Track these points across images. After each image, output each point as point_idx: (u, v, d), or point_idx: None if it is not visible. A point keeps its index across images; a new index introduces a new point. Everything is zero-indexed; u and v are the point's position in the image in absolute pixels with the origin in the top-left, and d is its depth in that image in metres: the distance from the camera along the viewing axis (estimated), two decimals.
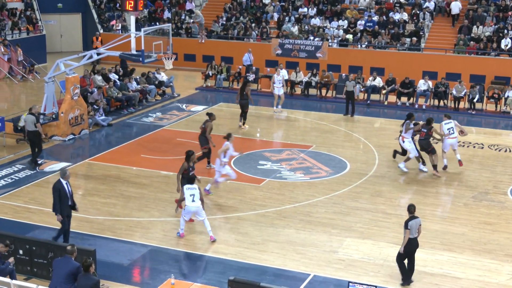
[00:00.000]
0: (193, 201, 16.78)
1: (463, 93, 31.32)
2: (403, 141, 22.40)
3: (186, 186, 16.98)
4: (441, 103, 31.88)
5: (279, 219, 18.50)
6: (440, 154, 22.68)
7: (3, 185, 20.93)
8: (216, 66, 36.09)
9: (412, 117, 22.40)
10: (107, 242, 16.97)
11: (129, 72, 32.96)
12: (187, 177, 17.86)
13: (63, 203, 15.94)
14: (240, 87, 28.33)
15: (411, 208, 14.93)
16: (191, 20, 42.38)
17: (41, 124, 23.11)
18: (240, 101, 27.51)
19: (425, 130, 22.29)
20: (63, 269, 12.65)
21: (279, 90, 30.32)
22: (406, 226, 14.63)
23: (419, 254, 16.27)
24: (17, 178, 21.56)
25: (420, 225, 14.88)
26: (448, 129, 22.56)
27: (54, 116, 26.27)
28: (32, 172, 22.12)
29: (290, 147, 25.29)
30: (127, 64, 34.11)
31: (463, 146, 25.59)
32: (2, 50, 37.23)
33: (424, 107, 31.44)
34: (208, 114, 22.66)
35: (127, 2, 25.70)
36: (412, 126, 22.25)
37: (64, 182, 15.93)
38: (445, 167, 22.71)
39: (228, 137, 19.95)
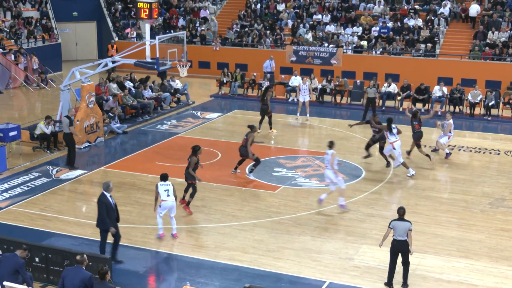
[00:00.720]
0: (168, 195, 17.21)
1: (478, 99, 31.21)
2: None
3: (159, 183, 17.38)
4: (457, 109, 31.75)
5: (294, 226, 18.47)
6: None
7: (19, 192, 21.03)
8: (230, 73, 36.15)
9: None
10: (123, 249, 16.97)
11: (144, 79, 33.06)
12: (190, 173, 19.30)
13: (110, 216, 15.77)
14: (262, 93, 28.37)
15: (400, 211, 15.09)
16: (204, 27, 42.43)
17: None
18: (261, 106, 27.59)
19: (417, 122, 23.86)
20: (76, 279, 12.62)
21: (304, 97, 30.15)
22: (389, 225, 14.97)
23: (435, 261, 16.26)
24: (33, 185, 21.65)
25: (410, 230, 14.87)
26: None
27: None
28: (48, 180, 22.21)
29: (305, 154, 25.27)
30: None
31: (479, 152, 25.48)
32: (12, 58, 37.47)
33: (439, 113, 31.30)
34: (249, 126, 22.49)
35: (142, 10, 25.78)
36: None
37: (108, 195, 15.79)
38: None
39: (331, 145, 19.74)
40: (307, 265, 16.18)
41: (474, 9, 38.71)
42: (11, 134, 24.56)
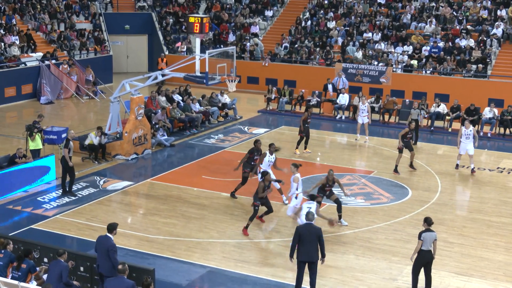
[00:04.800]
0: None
1: None
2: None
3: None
4: (507, 132, 31.28)
5: (338, 244, 18.35)
6: None
7: (67, 202, 21.30)
8: (278, 89, 36.22)
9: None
10: (167, 262, 17.08)
11: (185, 90, 33.34)
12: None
13: None
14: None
15: (428, 220, 15.21)
16: (252, 43, 42.59)
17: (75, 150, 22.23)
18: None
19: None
20: None
21: (363, 119, 29.29)
22: (419, 237, 14.94)
23: (481, 285, 16.02)
24: (80, 195, 21.91)
25: (435, 239, 15.01)
26: None
27: (118, 135, 26.68)
28: (95, 190, 22.46)
29: (351, 172, 25.12)
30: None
31: None
32: (68, 69, 38.10)
33: (489, 135, 30.90)
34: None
35: (193, 24, 26.02)
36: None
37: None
38: None
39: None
40: (350, 284, 16.05)
41: None
42: (64, 135, 25.15)
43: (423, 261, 14.99)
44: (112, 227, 14.45)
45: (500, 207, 21.79)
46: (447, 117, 32.26)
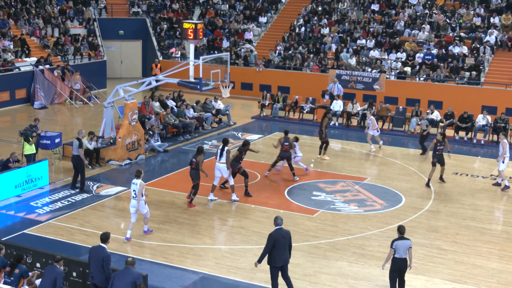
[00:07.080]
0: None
1: None
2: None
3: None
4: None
5: (331, 251, 18.33)
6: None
7: (59, 207, 21.25)
8: (272, 95, 36.23)
9: (227, 142, 22.48)
10: (159, 267, 17.05)
11: (179, 96, 33.41)
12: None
13: None
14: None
15: (400, 229, 15.25)
16: (242, 49, 42.62)
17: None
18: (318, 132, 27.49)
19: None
20: (128, 278, 13.25)
21: (373, 132, 29.29)
22: (391, 245, 15.05)
23: None
24: (73, 200, 21.86)
25: (410, 247, 15.05)
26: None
27: (111, 140, 26.62)
28: (88, 195, 22.41)
29: (344, 179, 25.11)
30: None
31: None
32: (60, 73, 38.08)
33: (482, 142, 30.94)
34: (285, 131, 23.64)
35: (187, 30, 26.03)
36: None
37: None
38: None
39: (139, 175, 18.99)
40: None
41: None
42: (57, 140, 25.14)
43: (396, 268, 14.97)
44: (106, 237, 14.44)
45: (493, 214, 21.85)
46: (441, 124, 32.29)
